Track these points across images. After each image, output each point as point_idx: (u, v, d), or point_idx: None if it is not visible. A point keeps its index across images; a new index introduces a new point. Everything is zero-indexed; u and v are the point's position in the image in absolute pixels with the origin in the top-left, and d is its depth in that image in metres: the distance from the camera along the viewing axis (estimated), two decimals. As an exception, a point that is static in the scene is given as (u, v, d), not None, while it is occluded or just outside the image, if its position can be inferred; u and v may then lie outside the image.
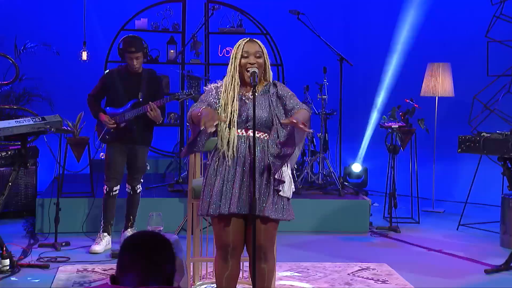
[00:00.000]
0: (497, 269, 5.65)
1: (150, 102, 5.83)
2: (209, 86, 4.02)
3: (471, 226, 7.31)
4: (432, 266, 5.85)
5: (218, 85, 3.97)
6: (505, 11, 7.41)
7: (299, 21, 7.53)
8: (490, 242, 6.69)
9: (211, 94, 3.94)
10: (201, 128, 3.69)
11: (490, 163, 6.89)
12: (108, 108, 6.09)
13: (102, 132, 6.09)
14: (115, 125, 5.97)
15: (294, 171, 7.31)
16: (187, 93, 6.08)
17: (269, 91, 3.97)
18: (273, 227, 3.94)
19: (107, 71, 6.31)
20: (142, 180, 6.24)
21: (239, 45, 3.90)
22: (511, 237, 6.38)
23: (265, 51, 3.93)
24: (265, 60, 3.92)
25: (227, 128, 3.86)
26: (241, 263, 4.19)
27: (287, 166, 3.90)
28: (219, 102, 3.91)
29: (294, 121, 3.56)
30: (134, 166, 6.13)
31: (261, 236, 3.83)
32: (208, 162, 3.98)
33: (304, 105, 3.96)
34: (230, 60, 3.92)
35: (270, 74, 3.99)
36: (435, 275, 5.55)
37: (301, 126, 3.55)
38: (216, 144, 3.92)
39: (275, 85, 4.00)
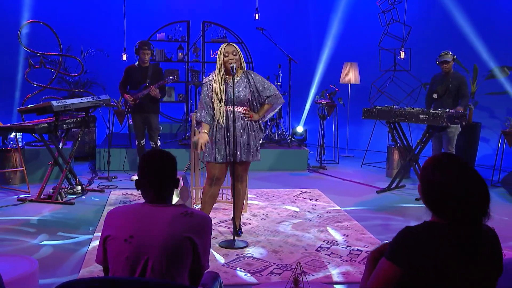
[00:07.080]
0: (383, 190, 5.86)
1: (152, 86, 5.77)
2: (206, 79, 3.95)
3: (369, 164, 7.48)
4: (346, 189, 6.00)
5: (211, 77, 3.91)
6: (390, 30, 7.51)
7: (263, 34, 7.54)
8: (380, 174, 6.86)
9: (208, 87, 3.89)
10: (198, 150, 3.93)
11: (381, 125, 7.10)
12: (129, 90, 6.02)
13: (127, 106, 6.08)
14: (133, 101, 5.92)
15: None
16: (170, 79, 5.99)
17: (247, 77, 3.91)
18: (247, 164, 4.05)
19: (127, 66, 6.11)
20: (159, 137, 6.13)
21: (221, 48, 3.85)
22: (392, 171, 6.56)
23: (239, 50, 3.86)
24: (239, 56, 3.85)
25: (219, 104, 3.84)
26: (220, 190, 4.29)
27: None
28: (213, 87, 3.87)
29: (250, 118, 3.90)
30: (150, 128, 6.04)
31: (240, 169, 3.98)
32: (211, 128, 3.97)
33: (272, 96, 3.94)
34: (217, 58, 3.87)
35: (244, 65, 3.94)
36: (347, 195, 5.71)
37: (252, 119, 3.92)
38: (214, 116, 3.91)
39: (249, 73, 3.93)
